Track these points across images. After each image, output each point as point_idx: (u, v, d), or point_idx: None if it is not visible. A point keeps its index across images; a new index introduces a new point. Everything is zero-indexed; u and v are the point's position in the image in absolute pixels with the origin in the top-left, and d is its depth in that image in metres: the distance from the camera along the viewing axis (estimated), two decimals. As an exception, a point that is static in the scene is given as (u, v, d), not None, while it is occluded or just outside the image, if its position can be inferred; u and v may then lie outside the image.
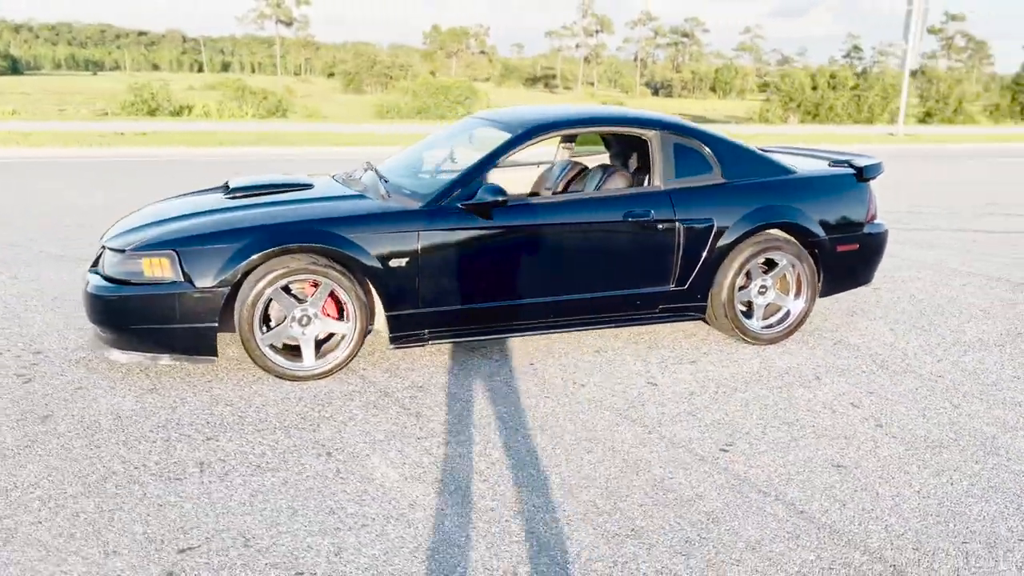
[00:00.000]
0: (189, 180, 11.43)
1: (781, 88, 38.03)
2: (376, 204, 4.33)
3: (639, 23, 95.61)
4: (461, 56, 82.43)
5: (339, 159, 14.97)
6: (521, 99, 63.28)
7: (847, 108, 37.04)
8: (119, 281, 4.01)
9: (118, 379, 4.14)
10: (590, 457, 3.47)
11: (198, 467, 3.29)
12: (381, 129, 23.09)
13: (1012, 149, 23.28)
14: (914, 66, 25.03)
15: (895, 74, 38.41)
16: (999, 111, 42.58)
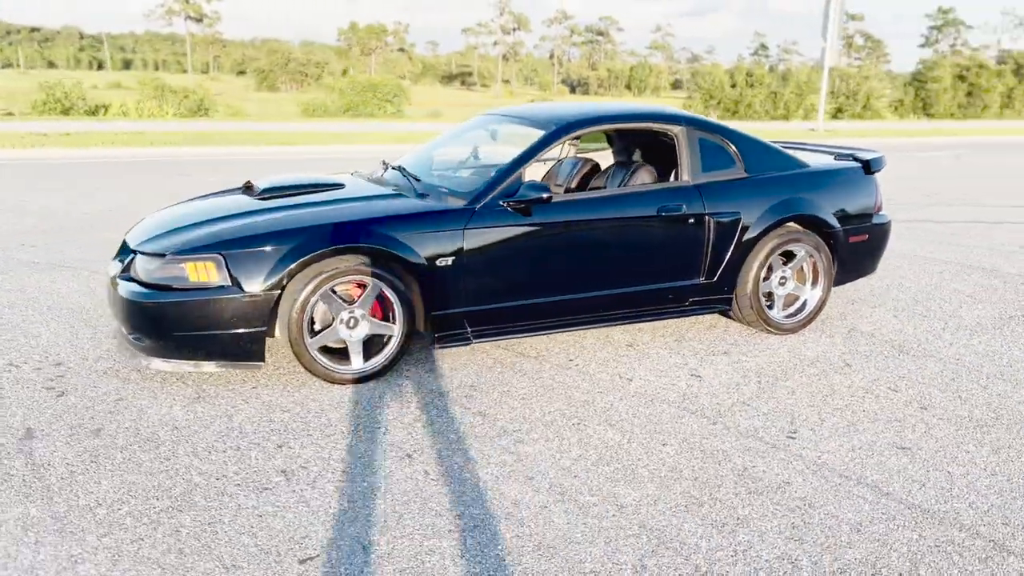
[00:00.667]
0: (147, 182, 11.06)
1: (702, 86, 38.88)
2: (420, 203, 4.28)
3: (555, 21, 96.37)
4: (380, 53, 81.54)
5: (287, 159, 14.68)
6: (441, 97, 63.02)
7: (764, 105, 38.12)
8: (158, 287, 3.86)
9: (157, 389, 3.98)
10: (668, 450, 3.51)
11: (282, 475, 3.20)
12: (318, 127, 22.68)
13: (927, 143, 24.40)
14: (832, 63, 25.96)
15: (808, 71, 39.74)
16: (903, 106, 44.54)
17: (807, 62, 62.33)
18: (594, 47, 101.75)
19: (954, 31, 78.56)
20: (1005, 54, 50.62)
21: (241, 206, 4.31)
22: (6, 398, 3.83)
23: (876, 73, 42.85)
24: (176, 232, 4.06)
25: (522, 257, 4.31)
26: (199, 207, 4.44)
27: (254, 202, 4.37)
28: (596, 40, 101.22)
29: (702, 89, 38.79)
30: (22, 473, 3.15)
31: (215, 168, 13.01)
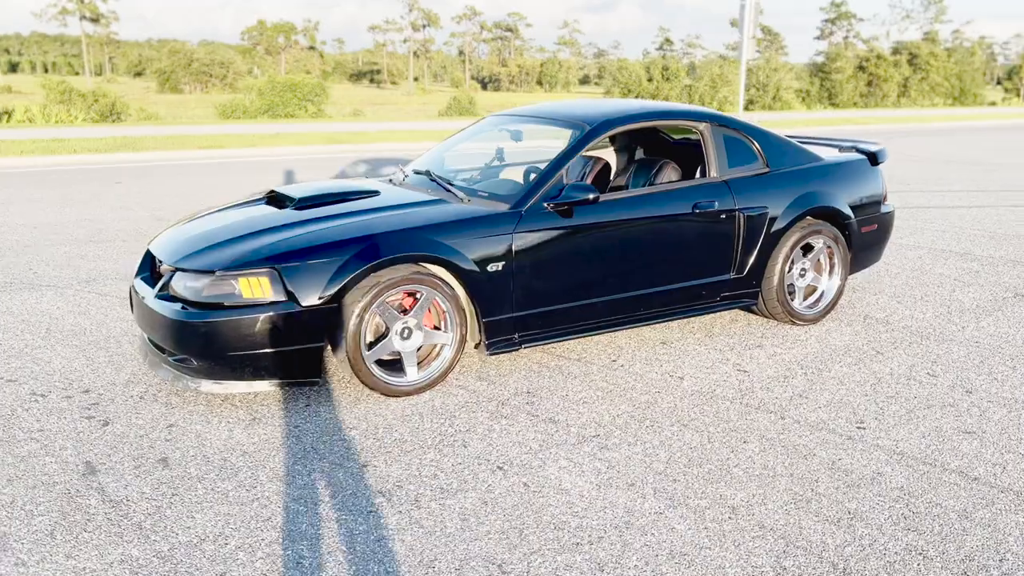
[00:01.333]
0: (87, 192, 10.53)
1: (620, 80, 39.41)
2: (467, 209, 4.18)
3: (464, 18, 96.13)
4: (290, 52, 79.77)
5: (226, 163, 14.21)
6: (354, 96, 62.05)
7: (680, 98, 38.89)
8: (208, 305, 3.66)
9: (206, 412, 3.79)
10: (751, 448, 3.52)
11: (381, 497, 3.08)
12: (243, 129, 22.01)
13: (838, 132, 25.29)
14: (750, 56, 26.60)
15: (720, 64, 40.71)
16: (810, 96, 46.13)
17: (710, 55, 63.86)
18: (503, 43, 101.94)
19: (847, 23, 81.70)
20: (899, 45, 52.88)
21: (282, 218, 4.13)
22: (48, 431, 3.58)
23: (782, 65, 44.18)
24: (219, 247, 3.86)
25: (567, 259, 4.26)
26: (231, 220, 4.23)
27: (294, 213, 4.19)
28: (505, 36, 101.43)
29: (620, 83, 39.30)
30: (103, 511, 2.95)
31: (144, 173, 12.49)
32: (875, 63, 48.58)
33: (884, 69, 48.51)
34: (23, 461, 3.30)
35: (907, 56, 50.60)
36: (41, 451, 3.39)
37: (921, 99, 49.91)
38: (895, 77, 48.86)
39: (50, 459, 3.33)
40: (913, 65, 50.42)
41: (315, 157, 15.67)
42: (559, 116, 4.85)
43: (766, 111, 39.75)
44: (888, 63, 49.20)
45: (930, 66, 50.44)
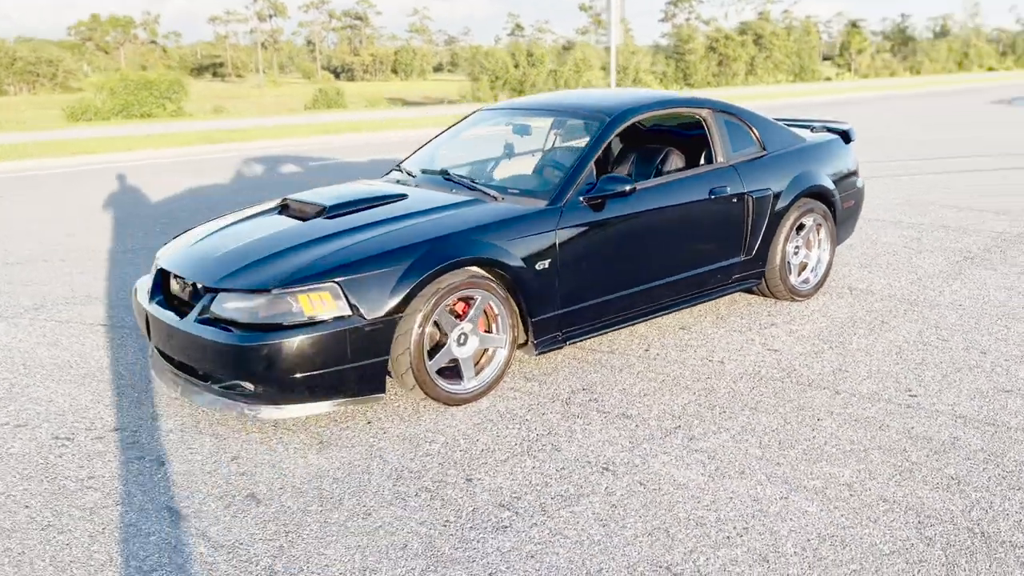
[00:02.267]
0: None
1: (486, 67, 39.48)
2: (509, 208, 4.09)
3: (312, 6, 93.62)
4: (129, 47, 75.30)
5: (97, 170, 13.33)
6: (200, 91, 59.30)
7: (546, 83, 39.37)
8: (263, 327, 3.43)
9: (265, 440, 3.56)
10: (827, 424, 3.63)
11: (505, 509, 2.98)
12: (100, 132, 20.62)
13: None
14: (619, 41, 27.22)
15: (583, 48, 41.47)
16: (667, 78, 47.74)
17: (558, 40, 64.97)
18: (354, 32, 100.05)
19: (688, 6, 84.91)
20: (745, 25, 55.49)
21: (320, 228, 3.91)
22: (101, 477, 3.26)
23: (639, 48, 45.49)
24: (265, 263, 3.61)
25: (603, 252, 4.25)
26: (260, 233, 3.96)
27: (328, 223, 3.97)
28: (355, 25, 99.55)
29: (487, 70, 39.36)
30: (222, 558, 2.72)
31: (15, 185, 11.54)
32: (724, 43, 50.80)
33: (733, 49, 50.81)
34: (94, 514, 3.00)
35: (753, 36, 53.15)
36: (108, 501, 3.09)
37: (767, 76, 52.60)
38: (743, 56, 51.27)
39: (123, 508, 3.03)
40: (758, 44, 53.04)
41: (199, 158, 14.92)
42: (569, 108, 4.81)
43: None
44: (736, 43, 51.56)
45: (773, 45, 53.22)
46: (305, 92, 54.12)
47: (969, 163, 11.68)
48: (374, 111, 31.44)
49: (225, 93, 62.74)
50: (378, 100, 40.09)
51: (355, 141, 18.56)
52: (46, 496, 3.12)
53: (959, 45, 75.07)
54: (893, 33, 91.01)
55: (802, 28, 58.37)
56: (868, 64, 67.57)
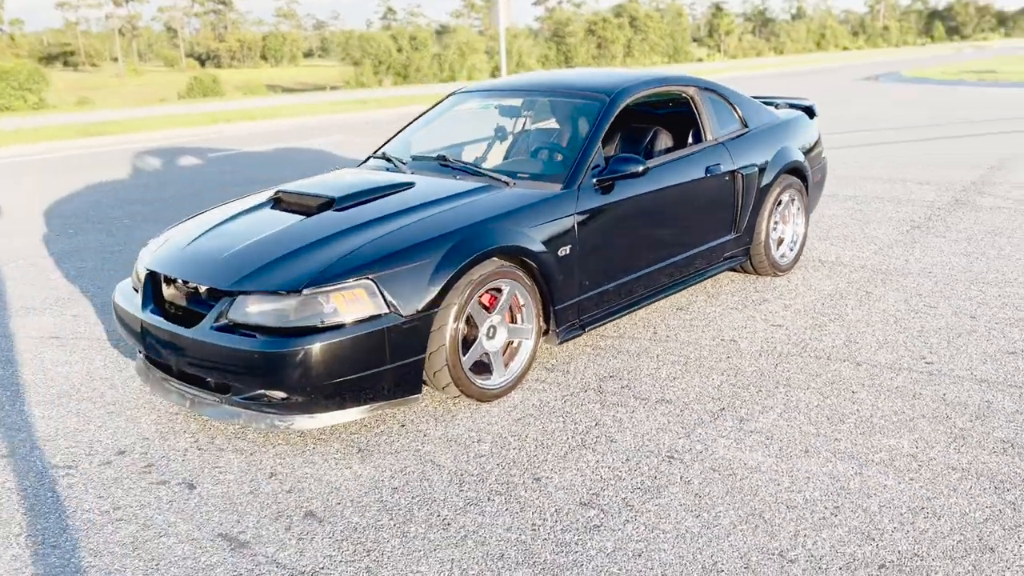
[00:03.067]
0: None
1: (369, 51, 38.69)
2: (527, 193, 3.93)
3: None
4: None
5: None
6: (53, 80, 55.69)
7: (431, 68, 38.96)
8: (296, 330, 3.17)
9: (296, 452, 3.31)
10: (864, 396, 3.66)
11: (591, 508, 2.86)
12: None
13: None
14: (507, 24, 27.15)
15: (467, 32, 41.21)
16: (549, 61, 48.03)
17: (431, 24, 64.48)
18: (218, 17, 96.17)
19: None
20: (620, 8, 56.45)
21: (336, 222, 3.64)
22: (128, 507, 2.94)
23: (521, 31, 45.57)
24: (285, 263, 3.33)
25: (615, 235, 4.16)
26: (268, 231, 3.64)
27: (341, 215, 3.71)
28: (219, 10, 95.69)
29: (369, 55, 38.57)
30: (310, 588, 2.48)
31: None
32: (602, 26, 51.54)
33: (611, 32, 51.63)
34: (139, 547, 2.69)
35: (628, 19, 54.16)
36: (149, 532, 2.78)
37: (643, 58, 53.76)
38: (620, 39, 52.18)
39: (169, 540, 2.73)
40: (634, 27, 54.10)
41: (80, 153, 13.96)
42: (559, 89, 4.67)
43: (514, 76, 40.83)
44: (613, 26, 52.41)
45: (648, 27, 54.40)
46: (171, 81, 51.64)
47: (866, 138, 12.21)
48: (256, 99, 30.29)
49: (83, 84, 59.11)
50: (257, 88, 38.65)
51: (250, 130, 17.80)
52: (73, 534, 2.78)
53: (816, 27, 78.82)
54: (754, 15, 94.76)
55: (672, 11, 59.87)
56: (736, 45, 70.10)
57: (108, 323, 4.92)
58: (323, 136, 15.76)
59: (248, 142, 15.11)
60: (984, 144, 11.15)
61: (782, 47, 72.14)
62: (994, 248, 5.93)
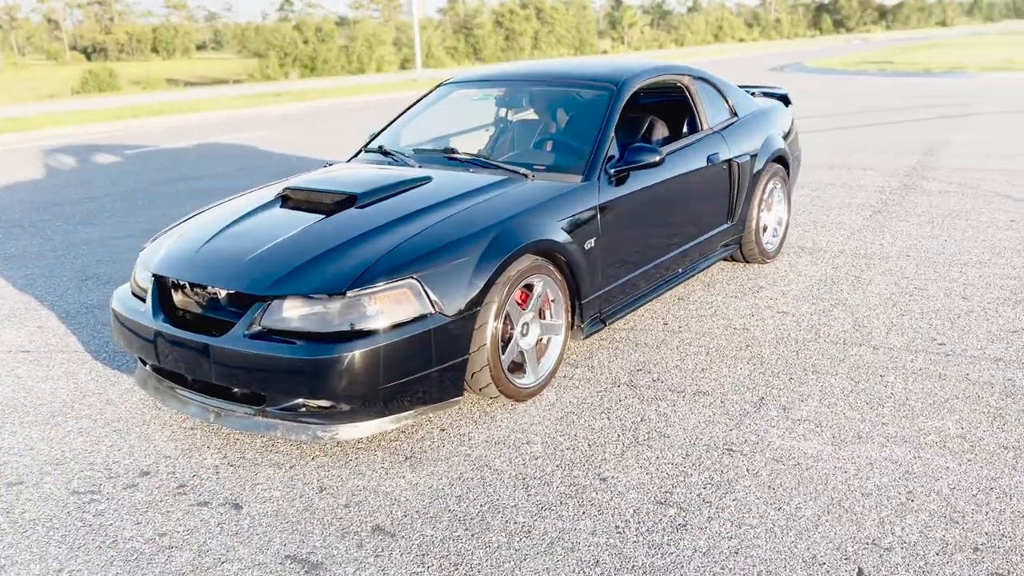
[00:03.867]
0: None
1: (274, 44, 37.65)
2: (549, 185, 3.83)
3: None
4: None
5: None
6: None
7: (338, 59, 38.24)
8: (338, 335, 3.00)
9: (337, 463, 3.13)
10: (893, 380, 3.71)
11: (669, 507, 2.79)
12: None
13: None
14: (421, 14, 26.85)
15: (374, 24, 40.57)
16: (458, 53, 47.80)
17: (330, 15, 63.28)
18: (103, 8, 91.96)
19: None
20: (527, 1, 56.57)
21: (363, 219, 3.45)
22: (174, 533, 2.72)
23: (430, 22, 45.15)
24: (323, 263, 3.14)
25: (631, 226, 4.11)
26: (286, 230, 3.42)
27: (367, 212, 3.52)
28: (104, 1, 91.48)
29: (274, 47, 37.55)
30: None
31: None
32: (510, 18, 51.55)
33: (518, 24, 51.69)
34: (202, 575, 2.48)
35: (535, 11, 54.34)
36: (207, 559, 2.57)
37: (551, 50, 54.04)
38: (528, 31, 52.31)
39: (234, 566, 2.54)
40: (541, 19, 54.32)
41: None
42: (559, 79, 4.58)
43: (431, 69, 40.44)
44: (521, 18, 52.50)
45: (554, 20, 54.71)
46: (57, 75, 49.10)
47: (804, 125, 12.51)
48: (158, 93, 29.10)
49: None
50: (156, 82, 37.12)
51: (163, 125, 17.06)
52: (122, 566, 2.54)
53: (714, 19, 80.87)
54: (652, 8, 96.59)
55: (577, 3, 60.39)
56: (639, 37, 71.26)
57: (80, 333, 4.59)
58: (248, 131, 15.23)
59: (165, 138, 14.47)
60: (906, 131, 11.59)
61: (682, 39, 73.74)
62: (958, 230, 6.14)
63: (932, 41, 53.86)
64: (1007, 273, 5.08)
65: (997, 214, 6.60)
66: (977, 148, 9.79)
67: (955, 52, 34.53)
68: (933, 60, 28.50)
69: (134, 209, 8.17)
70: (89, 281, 5.66)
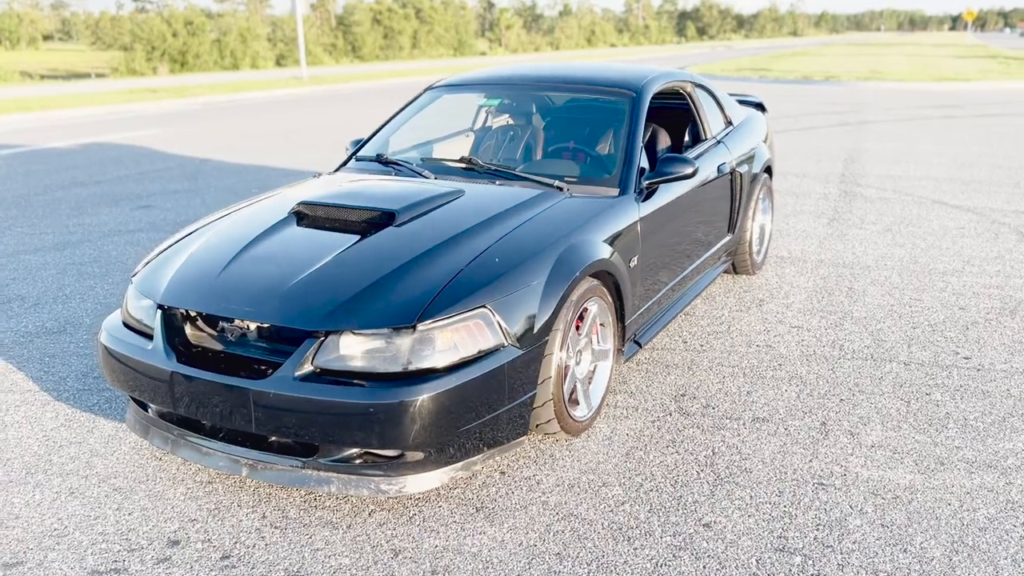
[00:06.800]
0: None
1: (141, 36, 35.58)
2: (592, 201, 3.55)
3: None
4: None
5: None
6: None
7: (211, 53, 36.60)
8: (405, 375, 2.64)
9: (406, 520, 2.76)
10: (940, 397, 3.64)
11: (790, 554, 2.58)
12: None
13: (412, 83, 26.17)
14: (305, 11, 26.01)
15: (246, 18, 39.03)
16: (337, 50, 46.60)
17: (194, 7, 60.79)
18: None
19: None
20: None
21: (409, 240, 3.06)
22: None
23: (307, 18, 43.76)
24: (379, 292, 2.76)
25: (661, 241, 3.90)
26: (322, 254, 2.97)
27: (409, 231, 3.14)
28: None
29: (141, 39, 35.49)
30: None
31: None
32: (388, 16, 50.69)
33: (397, 22, 50.89)
34: None
35: (414, 10, 53.68)
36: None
37: (430, 50, 53.54)
38: (407, 30, 51.59)
39: (331, 660, 2.13)
40: (420, 18, 53.71)
41: None
42: (573, 83, 4.30)
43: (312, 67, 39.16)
44: (400, 16, 51.71)
45: (433, 19, 54.22)
46: None
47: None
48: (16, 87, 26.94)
49: None
50: (8, 75, 34.32)
51: (33, 123, 15.70)
52: (193, 669, 2.09)
53: (587, 23, 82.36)
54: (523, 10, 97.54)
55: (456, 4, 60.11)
56: (516, 40, 71.62)
57: (27, 368, 3.98)
58: (136, 129, 14.18)
59: (39, 137, 13.29)
60: (818, 138, 11.94)
61: (558, 43, 74.68)
62: (918, 238, 6.25)
63: (794, 50, 56.70)
64: (987, 283, 5.15)
65: (945, 221, 6.78)
66: (892, 156, 10.15)
67: (821, 61, 36.34)
68: (806, 68, 29.84)
69: (34, 218, 7.35)
70: (13, 304, 4.97)
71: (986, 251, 5.86)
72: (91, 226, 7.04)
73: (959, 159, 9.86)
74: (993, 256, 5.74)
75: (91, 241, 6.50)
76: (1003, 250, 5.89)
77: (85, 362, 4.06)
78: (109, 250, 6.20)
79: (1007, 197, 7.69)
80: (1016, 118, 14.41)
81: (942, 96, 19.00)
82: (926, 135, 12.12)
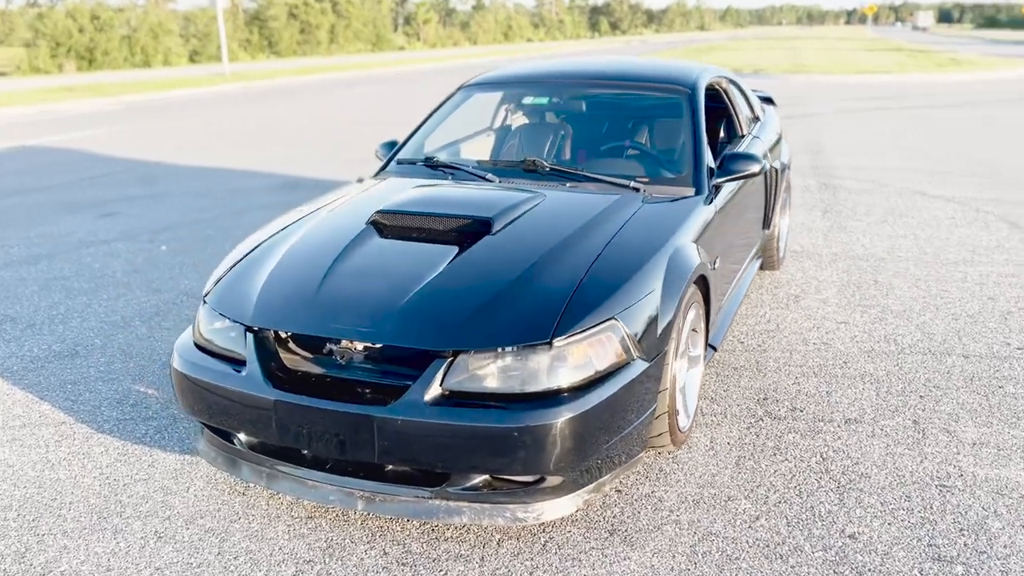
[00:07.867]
0: None
1: (44, 32, 33.86)
2: (678, 203, 3.43)
3: None
4: None
5: None
6: None
7: (120, 50, 35.16)
8: (543, 395, 2.49)
9: (544, 550, 2.59)
10: (1013, 390, 3.65)
11: (955, 565, 2.52)
12: None
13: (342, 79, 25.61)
14: (225, 5, 25.18)
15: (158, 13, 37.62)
16: (252, 45, 45.31)
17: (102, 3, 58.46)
18: None
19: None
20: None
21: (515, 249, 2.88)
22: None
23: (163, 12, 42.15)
24: (501, 307, 2.57)
25: (727, 240, 3.81)
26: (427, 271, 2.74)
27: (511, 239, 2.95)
28: None
29: (45, 35, 33.80)
30: None
31: None
32: (305, 10, 49.56)
33: (314, 16, 49.81)
34: None
35: (331, 4, 52.61)
36: None
37: (348, 45, 52.61)
38: (324, 24, 50.55)
39: None
40: (336, 12, 52.69)
41: None
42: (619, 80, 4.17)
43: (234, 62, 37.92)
44: (316, 10, 50.62)
45: (350, 13, 53.26)
46: None
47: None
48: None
49: None
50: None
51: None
52: None
53: (503, 18, 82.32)
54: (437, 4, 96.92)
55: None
56: (434, 34, 71.05)
57: (51, 398, 3.65)
58: (67, 131, 13.44)
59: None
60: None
61: (475, 37, 74.43)
62: (918, 228, 6.34)
63: (710, 44, 57.77)
64: (1003, 271, 5.24)
65: (935, 211, 6.91)
66: (851, 147, 10.36)
67: (742, 55, 37.10)
68: (732, 62, 30.40)
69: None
70: (5, 325, 4.57)
71: (985, 241, 5.98)
72: (57, 236, 6.57)
73: (916, 151, 10.12)
74: (994, 246, 5.85)
75: (64, 253, 6.06)
76: (1000, 239, 6.01)
77: (114, 388, 3.73)
78: (90, 263, 5.79)
79: (978, 187, 7.89)
80: (948, 109, 14.95)
81: (870, 88, 19.60)
82: (873, 126, 12.44)
